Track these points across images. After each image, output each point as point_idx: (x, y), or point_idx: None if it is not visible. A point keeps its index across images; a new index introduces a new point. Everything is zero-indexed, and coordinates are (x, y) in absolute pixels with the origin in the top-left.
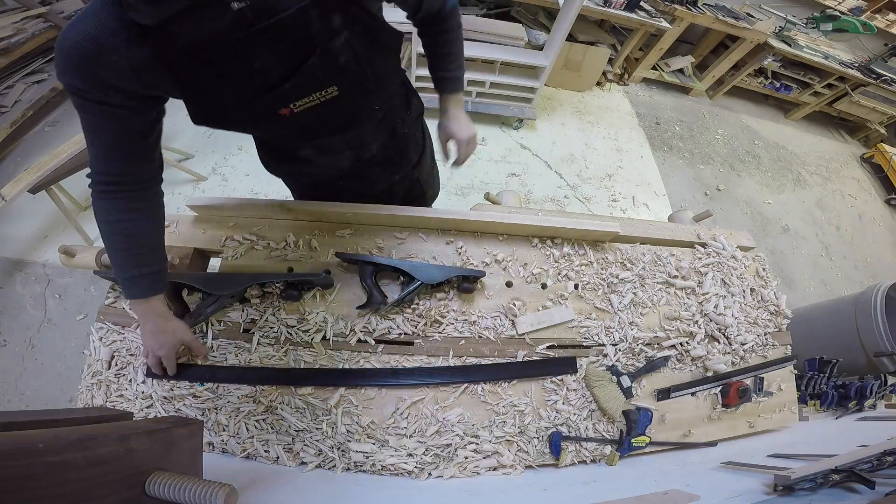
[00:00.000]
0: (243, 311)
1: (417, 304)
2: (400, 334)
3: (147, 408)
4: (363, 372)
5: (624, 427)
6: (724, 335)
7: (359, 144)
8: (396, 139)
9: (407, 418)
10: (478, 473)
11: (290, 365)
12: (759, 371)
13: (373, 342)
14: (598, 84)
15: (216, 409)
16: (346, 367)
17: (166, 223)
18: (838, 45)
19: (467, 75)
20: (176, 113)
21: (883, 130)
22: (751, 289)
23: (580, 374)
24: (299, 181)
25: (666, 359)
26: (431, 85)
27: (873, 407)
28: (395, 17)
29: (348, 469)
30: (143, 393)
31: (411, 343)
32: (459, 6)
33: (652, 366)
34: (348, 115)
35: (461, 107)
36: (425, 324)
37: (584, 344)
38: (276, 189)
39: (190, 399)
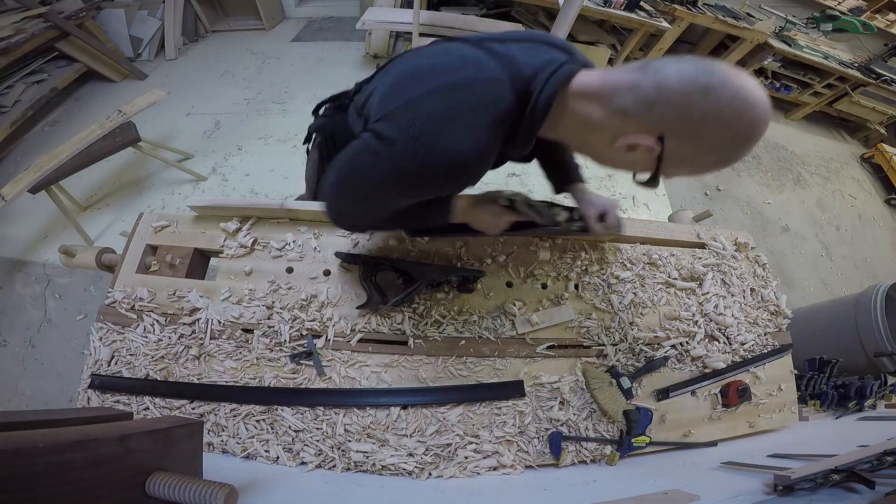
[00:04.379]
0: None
1: (417, 303)
2: (399, 334)
3: (145, 409)
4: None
5: (624, 427)
6: (724, 335)
7: None
8: None
9: (407, 418)
10: (478, 473)
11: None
12: (755, 363)
13: (373, 342)
14: None
15: (215, 411)
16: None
17: (166, 223)
18: (838, 45)
19: None
20: (175, 113)
21: (883, 130)
22: (751, 289)
23: (571, 377)
24: None
25: (666, 359)
26: None
27: (873, 407)
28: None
29: (348, 469)
30: None
31: (410, 343)
32: (459, 6)
33: (652, 366)
34: None
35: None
36: (425, 324)
37: (584, 344)
38: (276, 189)
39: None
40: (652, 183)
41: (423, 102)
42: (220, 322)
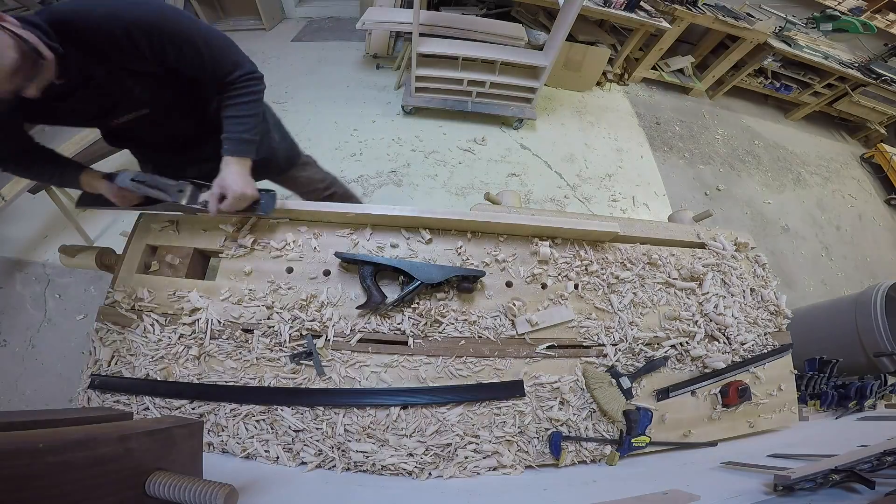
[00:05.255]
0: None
1: (417, 303)
2: (399, 334)
3: (145, 409)
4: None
5: (624, 427)
6: (723, 335)
7: (169, 135)
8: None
9: (407, 418)
10: (478, 473)
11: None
12: (755, 363)
13: (373, 342)
14: (598, 84)
15: (215, 411)
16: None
17: (166, 223)
18: (838, 45)
19: (468, 75)
20: None
21: (883, 130)
22: (751, 289)
23: (571, 377)
24: (142, 152)
25: (665, 359)
26: (428, 84)
27: (873, 407)
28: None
29: (348, 469)
30: None
31: (410, 343)
32: (459, 6)
33: (652, 366)
34: (158, 122)
35: (246, 168)
36: (425, 324)
37: (584, 344)
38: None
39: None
40: None
41: None
42: (220, 322)
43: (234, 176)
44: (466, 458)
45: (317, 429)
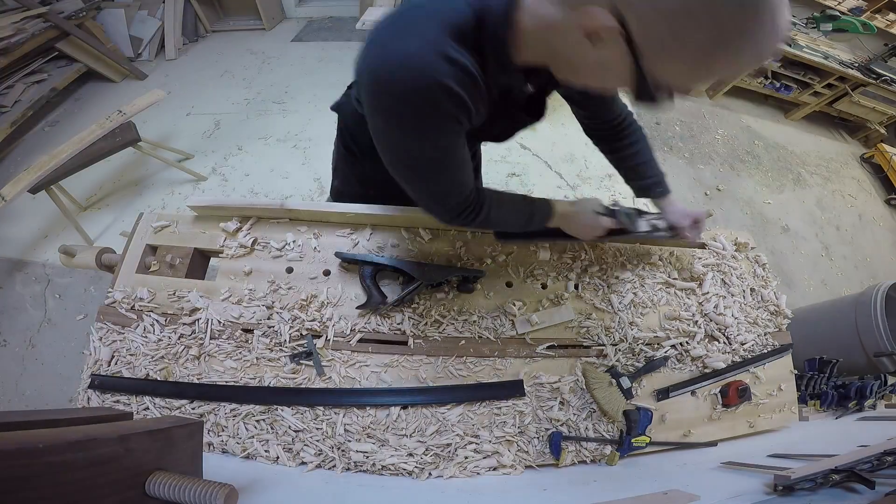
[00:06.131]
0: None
1: (417, 303)
2: (399, 334)
3: (145, 409)
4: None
5: (624, 427)
6: (724, 335)
7: None
8: None
9: (407, 418)
10: (478, 473)
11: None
12: (755, 363)
13: (373, 342)
14: None
15: (215, 411)
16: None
17: (166, 223)
18: (838, 45)
19: None
20: (175, 113)
21: (883, 130)
22: (751, 289)
23: (571, 377)
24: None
25: (665, 359)
26: None
27: (873, 407)
28: None
29: (348, 469)
30: None
31: (410, 343)
32: None
33: (652, 366)
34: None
35: None
36: (425, 324)
37: (584, 344)
38: (276, 189)
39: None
40: (644, 94)
41: (375, 35)
42: (220, 322)
43: (685, 206)
44: (466, 458)
45: (317, 429)
